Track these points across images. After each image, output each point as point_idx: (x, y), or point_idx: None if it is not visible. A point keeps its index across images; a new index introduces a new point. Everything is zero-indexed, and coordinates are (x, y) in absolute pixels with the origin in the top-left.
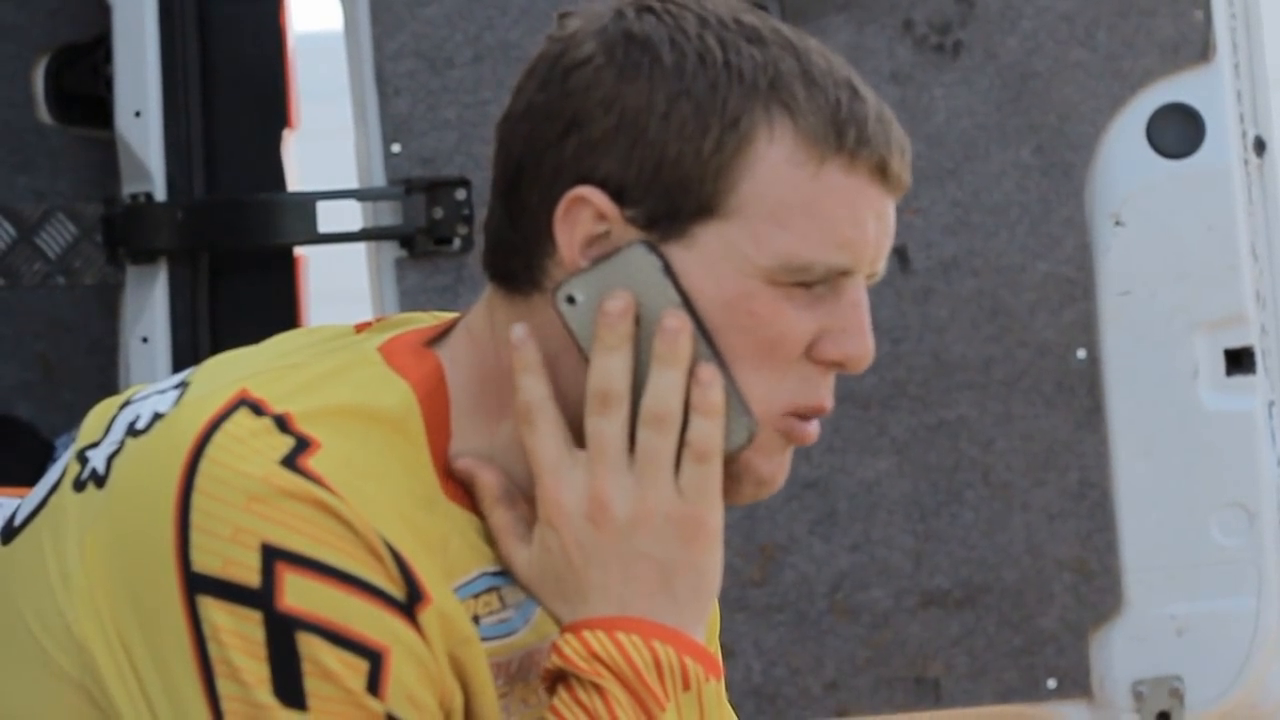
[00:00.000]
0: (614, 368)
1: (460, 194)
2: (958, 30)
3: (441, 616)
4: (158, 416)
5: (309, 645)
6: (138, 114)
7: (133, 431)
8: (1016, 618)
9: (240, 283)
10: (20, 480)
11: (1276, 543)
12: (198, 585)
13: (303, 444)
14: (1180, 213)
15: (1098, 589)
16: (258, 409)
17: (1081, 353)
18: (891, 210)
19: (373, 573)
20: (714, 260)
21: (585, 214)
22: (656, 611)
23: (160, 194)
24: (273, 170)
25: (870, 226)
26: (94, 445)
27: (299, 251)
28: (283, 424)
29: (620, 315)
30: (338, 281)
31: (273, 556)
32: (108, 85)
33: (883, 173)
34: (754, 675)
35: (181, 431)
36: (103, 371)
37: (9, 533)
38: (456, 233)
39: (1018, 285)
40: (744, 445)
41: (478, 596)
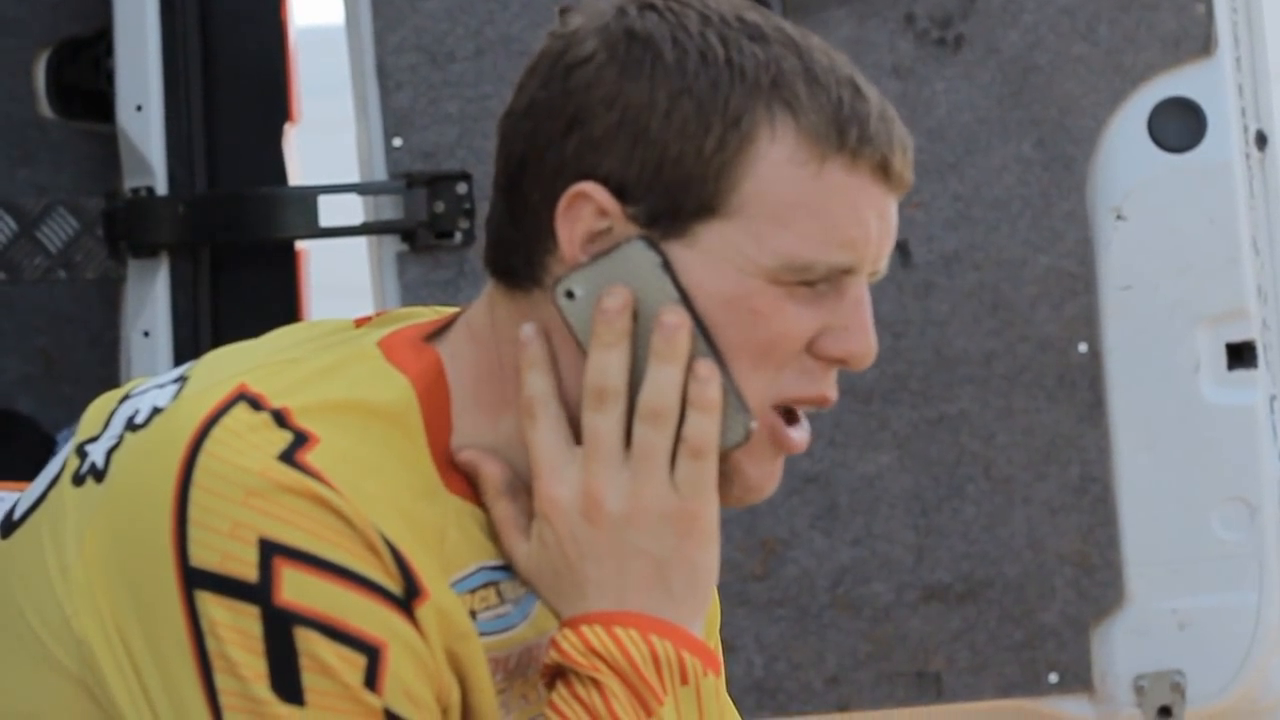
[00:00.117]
0: (611, 363)
1: (461, 188)
2: (959, 24)
3: (439, 612)
4: (156, 411)
5: (307, 640)
6: (139, 108)
7: (132, 426)
8: (1018, 612)
9: (241, 277)
10: (21, 475)
11: (1278, 537)
12: (196, 580)
13: (301, 439)
14: (1182, 207)
15: (1099, 583)
16: (256, 404)
17: (1083, 347)
18: (894, 208)
19: (370, 568)
20: (715, 259)
21: (587, 210)
22: (653, 606)
23: (161, 188)
24: (274, 164)
25: (872, 225)
26: (93, 439)
27: (300, 245)
28: (281, 419)
29: (618, 311)
30: (339, 275)
31: (270, 551)
32: (109, 79)
33: (885, 171)
34: (755, 670)
35: (180, 426)
36: (104, 366)
37: (8, 527)
38: (458, 227)
39: (1019, 279)
40: (741, 442)
41: (475, 591)
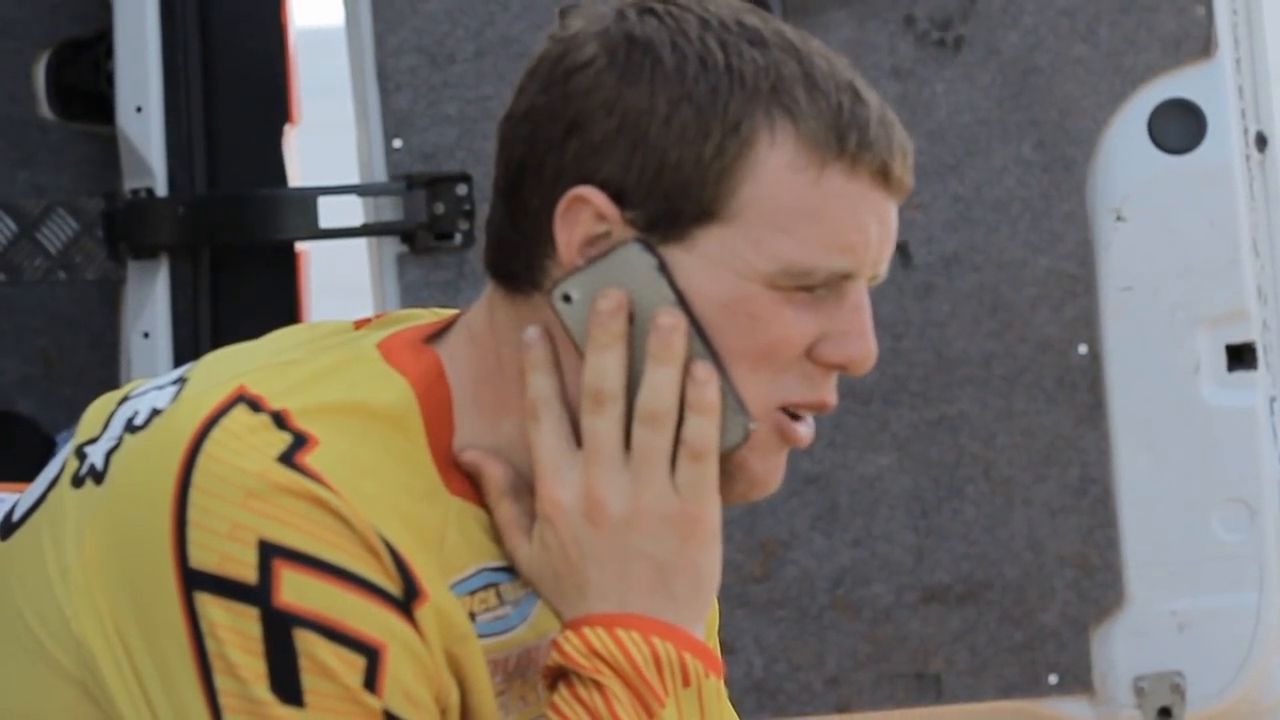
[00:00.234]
0: (607, 366)
1: (461, 189)
2: (959, 25)
3: (438, 613)
4: (156, 412)
5: (306, 641)
6: (139, 109)
7: (131, 427)
8: (1018, 613)
9: (241, 278)
10: (21, 476)
11: (1278, 538)
12: (195, 581)
13: (300, 440)
14: (1182, 208)
15: (1099, 584)
16: (255, 405)
17: (1083, 348)
18: (893, 213)
19: (370, 569)
20: (714, 263)
21: (585, 214)
22: (655, 609)
23: (161, 189)
24: (274, 165)
25: (872, 230)
26: (92, 441)
27: (300, 247)
28: (280, 420)
29: (612, 313)
30: (339, 277)
31: (270, 553)
32: (109, 80)
33: (885, 176)
34: (755, 671)
35: (179, 428)
36: (104, 367)
37: (8, 528)
38: (458, 228)
39: (1019, 281)
40: (740, 443)
41: (475, 593)
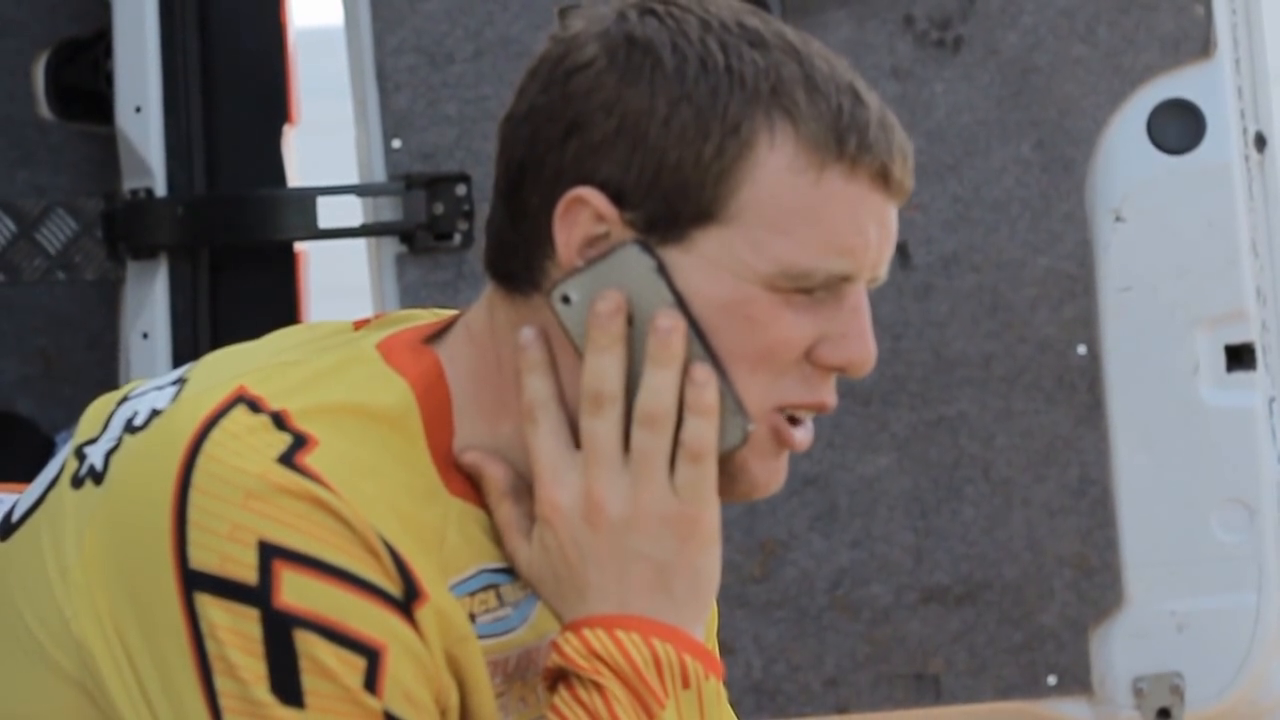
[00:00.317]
0: (606, 368)
1: (460, 189)
2: (958, 25)
3: (439, 614)
4: (155, 413)
5: (306, 642)
6: (138, 109)
7: (130, 428)
8: (1017, 614)
9: (241, 278)
10: (21, 476)
11: (1277, 539)
12: (195, 582)
13: (300, 441)
14: (1181, 208)
15: (1098, 585)
16: (255, 406)
17: (1082, 348)
18: (893, 216)
19: (370, 570)
20: (712, 265)
21: (584, 215)
22: (655, 610)
23: (161, 189)
24: (273, 165)
25: (872, 233)
26: (92, 441)
27: (299, 247)
28: (280, 421)
29: (610, 315)
30: (338, 277)
31: (270, 554)
32: (108, 80)
33: (884, 179)
34: (754, 671)
35: (179, 428)
36: (103, 367)
37: (7, 529)
38: (457, 228)
39: (1018, 281)
40: (739, 445)
41: (474, 594)
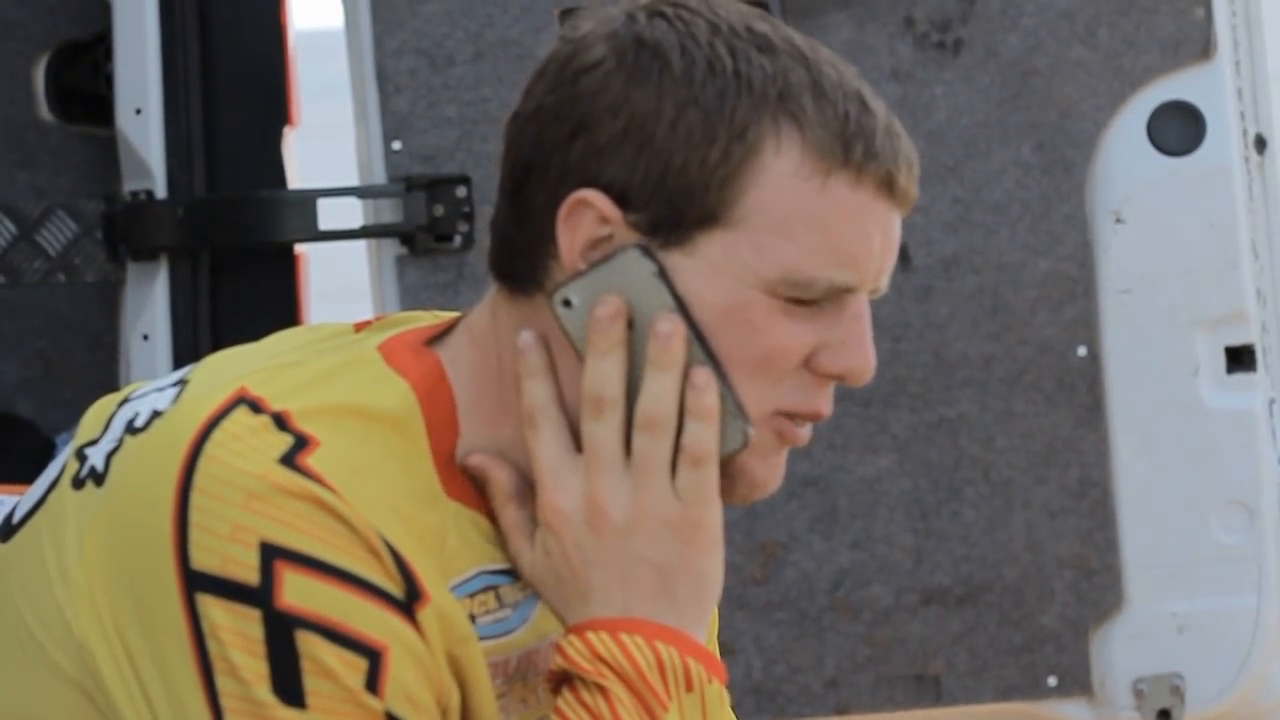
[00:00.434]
0: (607, 372)
1: (461, 191)
2: (958, 28)
3: (440, 615)
4: (156, 414)
5: (308, 643)
6: (138, 111)
7: (131, 429)
8: (1017, 615)
9: (241, 280)
10: (21, 478)
11: (1277, 540)
12: (197, 583)
13: (301, 442)
14: (1181, 210)
15: (1098, 586)
16: (256, 407)
17: (1082, 350)
18: (897, 225)
19: (372, 571)
20: (715, 269)
21: (588, 217)
22: (658, 614)
23: (161, 191)
24: (273, 167)
25: (875, 241)
26: (92, 443)
27: (299, 249)
28: (281, 422)
29: (611, 319)
30: (338, 279)
31: (271, 554)
32: (108, 82)
33: (890, 187)
34: (754, 673)
35: (180, 429)
36: (104, 369)
37: (7, 530)
38: (457, 230)
39: (1018, 283)
40: (739, 449)
41: (474, 596)
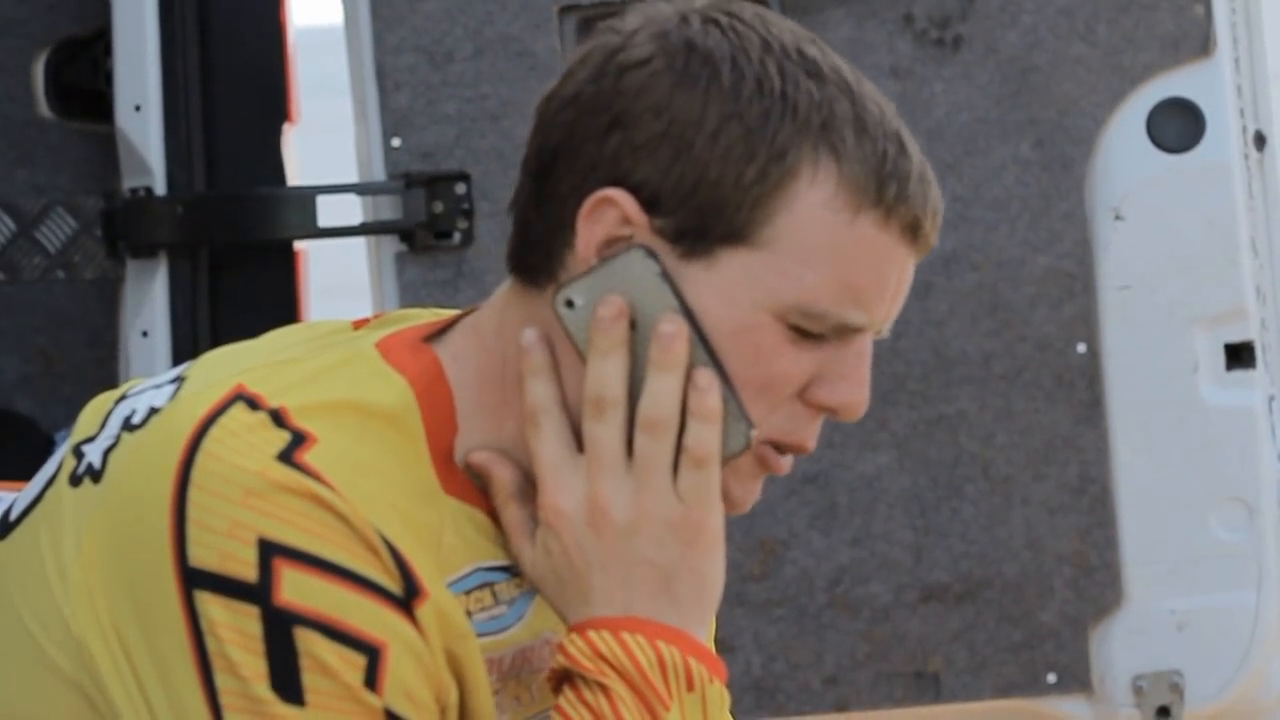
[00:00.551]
0: (609, 373)
1: (460, 188)
2: (958, 25)
3: (438, 612)
4: (154, 411)
5: (307, 640)
6: (138, 108)
7: (129, 426)
8: (1016, 612)
9: (240, 277)
10: (20, 475)
11: (1276, 537)
12: (195, 580)
13: (299, 439)
14: (1180, 207)
15: (1098, 584)
16: (253, 403)
17: (1081, 347)
18: (912, 269)
19: (370, 568)
20: (731, 286)
21: (610, 215)
22: (659, 614)
23: (160, 188)
24: (273, 164)
25: (890, 284)
26: (90, 440)
27: (299, 246)
28: (279, 419)
29: (613, 320)
30: (338, 276)
31: (270, 551)
32: (108, 79)
33: (914, 233)
34: (754, 670)
35: (177, 426)
36: (103, 366)
37: (4, 528)
38: (456, 227)
39: (1018, 280)
40: (741, 450)
41: (470, 592)
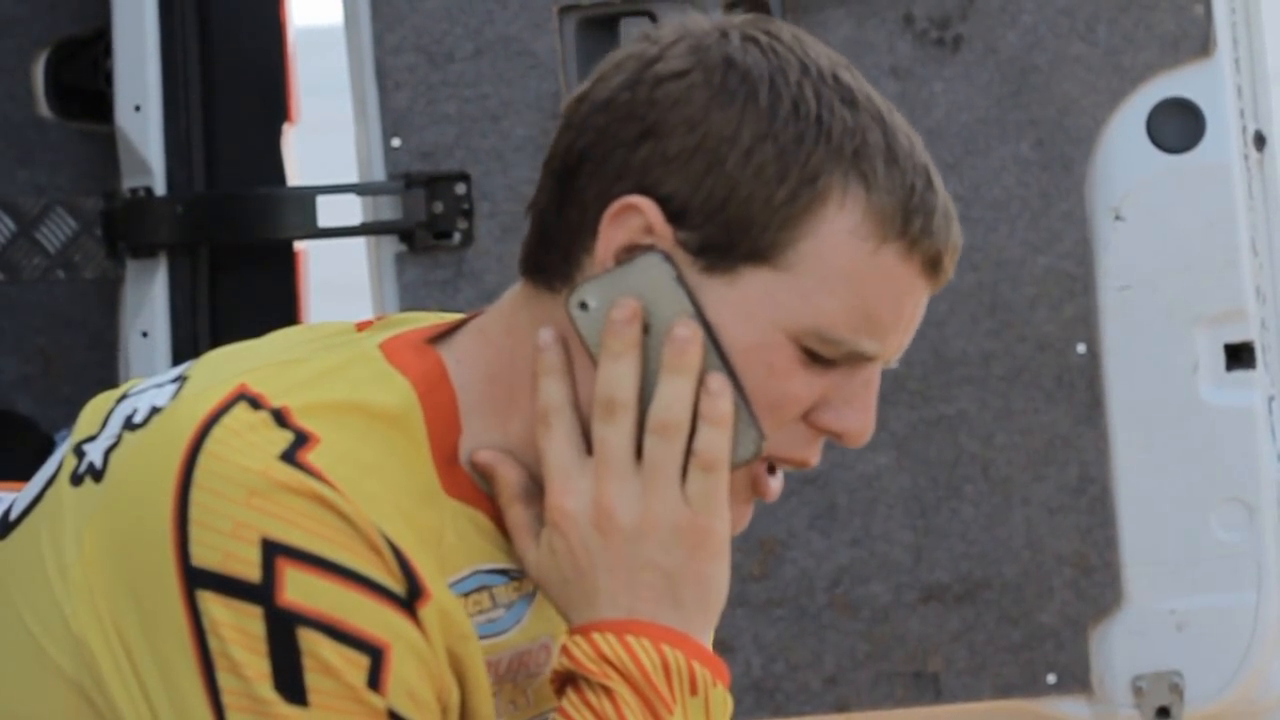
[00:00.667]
0: (620, 375)
1: (460, 188)
2: (958, 24)
3: (441, 612)
4: (155, 410)
5: (310, 640)
6: (137, 108)
7: (130, 425)
8: (1016, 613)
9: (240, 277)
10: (20, 475)
11: (1276, 538)
12: (197, 580)
13: (302, 439)
14: (1180, 207)
15: (1097, 584)
16: (256, 403)
17: (1081, 347)
18: (925, 303)
19: (373, 568)
20: (750, 304)
21: (634, 223)
22: (663, 617)
23: (160, 188)
24: (273, 164)
25: (905, 316)
26: (91, 439)
27: (299, 246)
28: (281, 418)
29: (626, 322)
30: (338, 275)
31: (273, 551)
32: (108, 79)
33: (934, 267)
34: (753, 670)
35: (180, 425)
36: (103, 366)
37: (5, 527)
38: (456, 227)
39: (1018, 280)
40: (752, 457)
41: (468, 595)
